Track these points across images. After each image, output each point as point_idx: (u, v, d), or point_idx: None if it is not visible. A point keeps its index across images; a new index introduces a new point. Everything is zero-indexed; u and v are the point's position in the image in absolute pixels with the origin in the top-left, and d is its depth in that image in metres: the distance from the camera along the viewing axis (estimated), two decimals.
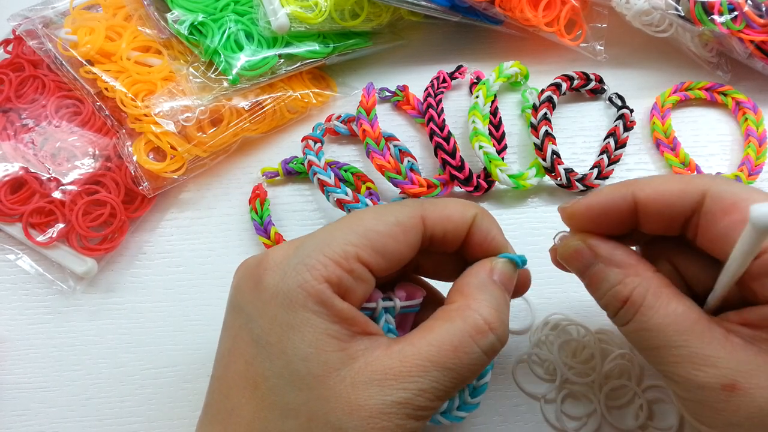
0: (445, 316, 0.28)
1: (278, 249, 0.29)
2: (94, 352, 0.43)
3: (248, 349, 0.28)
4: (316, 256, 0.27)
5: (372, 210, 0.30)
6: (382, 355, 0.27)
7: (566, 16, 0.50)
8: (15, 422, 0.41)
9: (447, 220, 0.30)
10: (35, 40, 0.48)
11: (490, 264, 0.31)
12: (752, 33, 0.45)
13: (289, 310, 0.27)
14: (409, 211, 0.30)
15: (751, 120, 0.48)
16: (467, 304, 0.29)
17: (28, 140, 0.46)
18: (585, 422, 0.39)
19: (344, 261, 0.27)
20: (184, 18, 0.47)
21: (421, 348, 0.27)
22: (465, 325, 0.28)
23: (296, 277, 0.27)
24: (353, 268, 0.28)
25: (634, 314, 0.29)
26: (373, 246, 0.28)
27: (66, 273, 0.44)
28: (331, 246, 0.28)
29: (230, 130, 0.46)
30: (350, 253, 0.28)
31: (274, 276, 0.28)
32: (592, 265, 0.30)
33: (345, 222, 0.29)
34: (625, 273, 0.29)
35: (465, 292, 0.29)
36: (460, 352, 0.27)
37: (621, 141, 0.47)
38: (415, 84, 0.50)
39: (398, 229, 0.29)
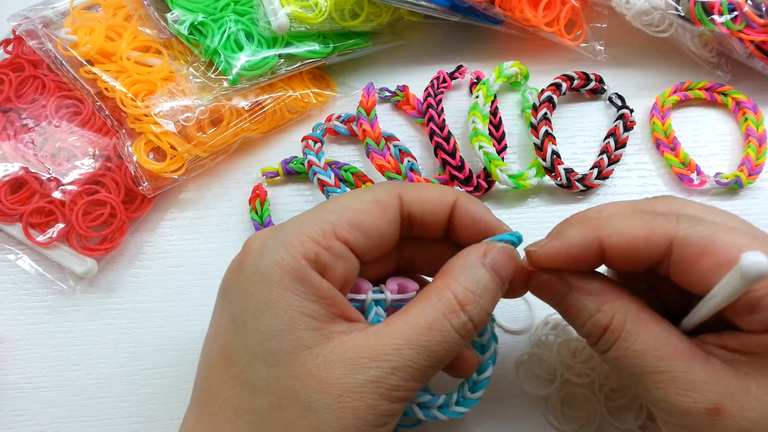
0: (423, 295, 0.29)
1: (260, 233, 0.30)
2: (94, 352, 0.43)
3: (227, 328, 0.28)
4: (293, 235, 0.28)
5: (349, 192, 0.31)
6: (358, 336, 0.27)
7: (566, 16, 0.50)
8: (15, 422, 0.41)
9: (425, 199, 0.30)
10: (35, 40, 0.48)
11: (485, 246, 0.30)
12: (752, 33, 0.45)
13: (265, 287, 0.27)
14: (385, 188, 0.30)
15: (751, 120, 0.48)
16: (445, 284, 0.28)
17: (28, 140, 0.46)
18: (585, 422, 0.39)
19: (321, 238, 0.28)
20: (184, 18, 0.47)
21: (396, 328, 0.27)
22: (439, 304, 0.28)
23: (273, 256, 0.27)
24: (331, 244, 0.28)
25: (614, 341, 0.28)
26: (350, 222, 0.28)
27: (66, 273, 0.44)
28: (308, 224, 0.28)
29: (230, 130, 0.46)
30: (327, 230, 0.28)
31: (252, 256, 0.28)
32: (566, 295, 0.30)
33: (322, 204, 0.30)
34: (601, 300, 0.29)
35: (447, 272, 0.29)
36: (433, 330, 0.27)
37: (621, 141, 0.47)
38: (415, 84, 0.50)
39: (375, 205, 0.29)
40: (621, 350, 0.28)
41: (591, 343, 0.30)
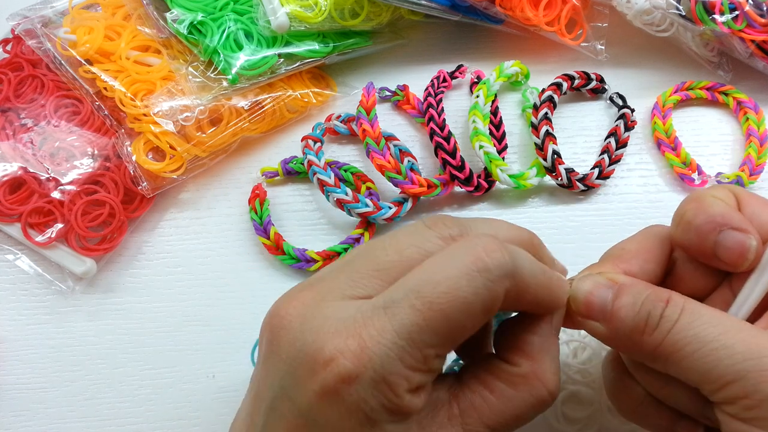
0: (512, 382, 0.27)
1: (346, 349, 0.24)
2: (93, 352, 0.42)
3: None
4: (397, 371, 0.24)
5: (455, 288, 0.24)
6: (445, 422, 0.26)
7: (567, 16, 0.49)
8: (14, 422, 0.41)
9: (533, 298, 0.27)
10: (34, 39, 0.48)
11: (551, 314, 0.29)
12: (753, 32, 0.45)
13: (370, 426, 0.24)
14: (498, 292, 0.25)
15: (753, 120, 0.48)
16: (534, 373, 0.27)
17: (27, 140, 0.46)
18: (585, 422, 0.39)
19: (423, 365, 0.25)
20: (184, 17, 0.46)
21: (483, 416, 0.26)
22: (531, 398, 0.27)
23: (379, 398, 0.24)
24: (431, 367, 0.25)
25: (682, 308, 0.26)
26: (454, 341, 0.25)
27: (65, 273, 0.44)
28: (412, 354, 0.24)
29: (230, 130, 0.46)
30: (431, 356, 0.25)
31: (352, 394, 0.24)
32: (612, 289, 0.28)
33: (423, 312, 0.24)
34: (655, 287, 0.28)
35: (529, 354, 0.27)
36: (521, 420, 0.27)
37: (622, 141, 0.47)
38: (415, 83, 0.50)
39: (482, 316, 0.25)
40: (693, 314, 0.26)
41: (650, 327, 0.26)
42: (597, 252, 0.31)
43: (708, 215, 0.27)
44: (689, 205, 0.28)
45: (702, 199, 0.28)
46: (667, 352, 0.26)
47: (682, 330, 0.26)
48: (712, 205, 0.28)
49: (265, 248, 0.45)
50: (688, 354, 0.25)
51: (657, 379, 0.28)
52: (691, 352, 0.25)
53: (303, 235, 0.46)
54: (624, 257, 0.30)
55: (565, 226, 0.46)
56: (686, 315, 0.26)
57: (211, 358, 0.42)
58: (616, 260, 0.30)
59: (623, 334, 0.27)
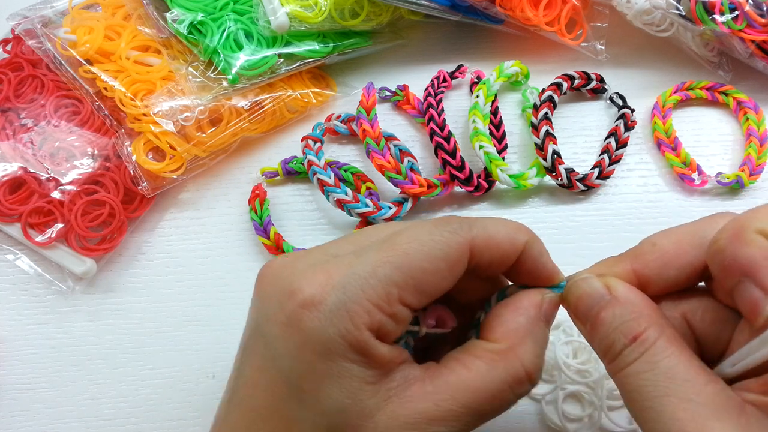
0: (487, 358, 0.27)
1: (312, 281, 0.26)
2: (93, 352, 0.42)
3: (279, 387, 0.27)
4: (358, 301, 0.25)
5: (416, 237, 0.27)
6: (416, 396, 0.26)
7: (567, 16, 0.49)
8: (14, 423, 0.41)
9: (495, 247, 0.28)
10: (34, 39, 0.48)
11: (540, 298, 0.28)
12: (753, 32, 0.45)
13: (328, 359, 0.25)
14: (457, 241, 0.27)
15: (753, 120, 0.48)
16: (513, 350, 0.27)
17: (27, 140, 0.46)
18: (586, 423, 0.39)
19: (387, 305, 0.26)
20: (184, 17, 0.46)
21: (457, 392, 0.26)
22: (506, 375, 0.26)
23: (338, 325, 0.25)
24: (396, 311, 0.26)
25: (642, 353, 0.25)
26: (417, 285, 0.26)
27: (65, 273, 0.44)
28: (374, 287, 0.26)
29: (230, 130, 0.46)
30: (393, 295, 0.26)
31: (312, 320, 0.25)
32: (601, 299, 0.27)
33: (388, 251, 0.26)
34: (639, 311, 0.26)
35: (509, 332, 0.28)
36: (496, 400, 0.26)
37: (622, 141, 0.47)
38: (415, 83, 0.50)
39: (444, 264, 0.26)
40: (648, 364, 0.25)
41: (611, 355, 0.26)
42: (597, 252, 0.31)
43: (736, 256, 0.24)
44: (726, 233, 0.24)
45: (742, 232, 0.24)
46: (618, 383, 0.26)
47: (630, 375, 0.25)
48: (747, 244, 0.23)
49: (265, 248, 0.45)
50: (628, 398, 0.25)
51: None
52: (631, 399, 0.25)
53: (303, 235, 0.46)
54: (645, 257, 0.28)
55: (565, 226, 0.46)
56: (640, 363, 0.25)
57: (211, 358, 0.42)
58: (636, 258, 0.28)
59: (596, 348, 0.27)
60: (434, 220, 0.28)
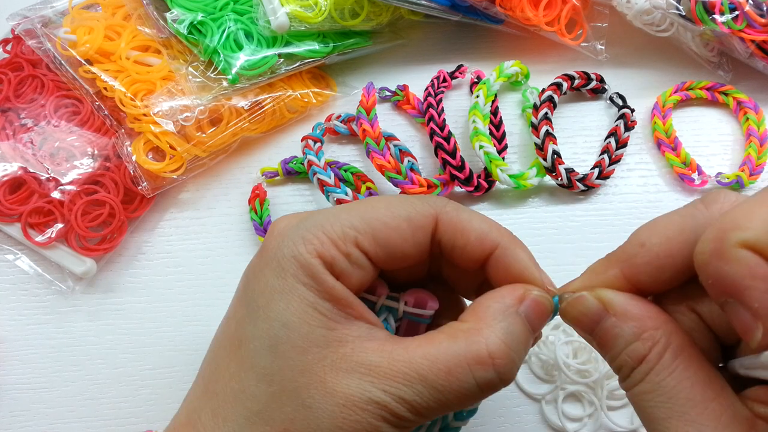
0: (451, 333, 0.26)
1: (285, 218, 0.30)
2: (93, 352, 0.42)
3: (240, 310, 0.28)
4: (314, 231, 0.27)
5: (386, 198, 0.29)
6: (372, 349, 0.26)
7: (567, 16, 0.49)
8: (14, 423, 0.41)
9: (461, 233, 0.28)
10: (34, 39, 0.48)
11: (522, 291, 0.27)
12: (753, 32, 0.45)
13: (280, 276, 0.27)
14: (423, 208, 0.28)
15: (753, 120, 0.48)
16: (477, 328, 0.26)
17: (27, 140, 0.46)
18: (585, 422, 0.39)
19: (341, 242, 0.27)
20: (184, 17, 0.46)
21: (413, 357, 0.25)
22: (466, 351, 0.25)
23: (291, 247, 0.27)
24: (350, 251, 0.27)
25: (647, 372, 0.24)
26: (375, 235, 0.27)
27: (65, 273, 0.44)
28: (332, 225, 0.27)
29: (230, 130, 0.46)
30: (349, 236, 0.27)
31: (272, 242, 0.28)
32: (602, 319, 0.26)
33: (354, 205, 0.28)
34: (642, 327, 0.25)
35: (480, 314, 0.27)
36: (452, 376, 0.25)
37: (622, 141, 0.47)
38: (416, 83, 0.50)
39: (406, 224, 0.27)
40: (652, 384, 0.24)
41: (622, 377, 0.26)
42: (597, 252, 0.31)
43: (719, 276, 0.22)
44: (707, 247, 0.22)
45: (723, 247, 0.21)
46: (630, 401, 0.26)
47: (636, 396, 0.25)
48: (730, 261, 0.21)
49: None
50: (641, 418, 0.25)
51: None
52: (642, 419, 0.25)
53: None
54: (636, 261, 0.26)
55: (565, 226, 0.46)
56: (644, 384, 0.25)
57: None
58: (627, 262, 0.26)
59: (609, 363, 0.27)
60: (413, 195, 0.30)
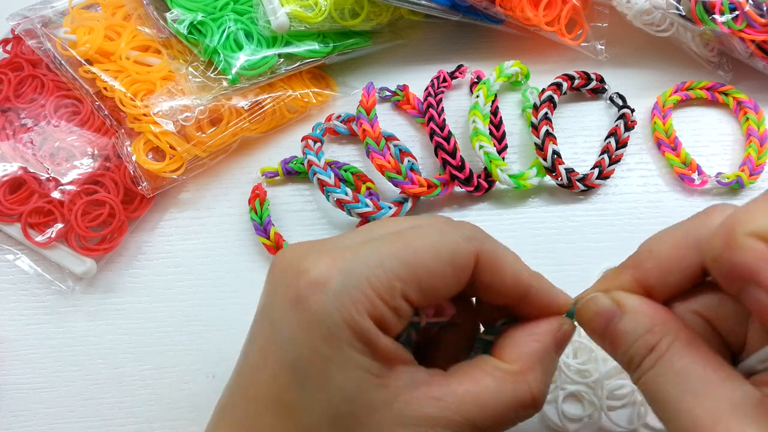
0: (497, 377, 0.27)
1: (321, 261, 0.26)
2: (93, 352, 0.42)
3: (283, 373, 0.26)
4: (362, 288, 0.25)
5: (427, 235, 0.27)
6: (423, 399, 0.26)
7: (567, 16, 0.49)
8: (14, 423, 0.41)
9: (498, 273, 0.28)
10: (34, 39, 0.48)
11: (557, 326, 0.29)
12: (753, 32, 0.45)
13: (332, 344, 0.25)
14: (466, 248, 0.27)
15: (753, 120, 0.48)
16: (524, 376, 0.27)
17: (27, 140, 0.46)
18: (585, 422, 0.39)
19: (389, 298, 0.26)
20: (184, 17, 0.46)
21: (464, 404, 0.26)
22: (514, 397, 0.27)
23: (342, 310, 0.25)
24: (398, 306, 0.26)
25: (659, 358, 0.25)
26: (420, 285, 0.26)
27: (65, 273, 0.44)
28: (379, 277, 0.26)
29: (230, 130, 0.46)
30: (396, 289, 0.26)
31: (316, 301, 0.25)
32: (615, 317, 0.27)
33: (396, 244, 0.26)
34: (652, 321, 0.26)
35: (524, 357, 0.28)
36: (499, 418, 0.27)
37: (622, 141, 0.47)
38: (415, 83, 0.50)
39: (450, 269, 0.27)
40: (664, 366, 0.25)
41: (633, 367, 0.27)
42: (597, 252, 0.31)
43: (733, 265, 0.23)
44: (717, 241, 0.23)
45: (732, 238, 0.23)
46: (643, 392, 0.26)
47: (648, 382, 0.26)
48: (742, 250, 0.22)
49: (265, 248, 0.45)
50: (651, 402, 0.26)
51: None
52: (654, 404, 0.26)
53: (303, 235, 0.46)
54: (645, 266, 0.28)
55: (565, 226, 0.46)
56: (657, 368, 0.25)
57: (211, 358, 0.42)
58: (637, 268, 0.28)
59: (617, 358, 0.28)
60: (447, 220, 0.28)
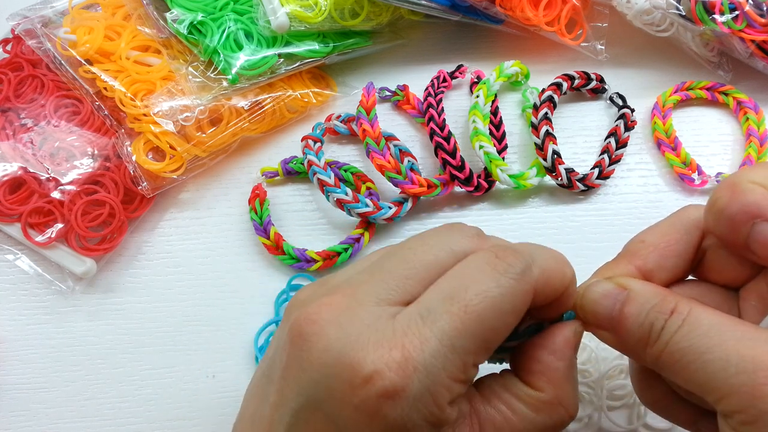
0: (532, 406, 0.27)
1: (389, 360, 0.23)
2: (93, 352, 0.42)
3: None
4: (441, 381, 0.24)
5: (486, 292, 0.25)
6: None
7: (567, 16, 0.49)
8: (14, 423, 0.41)
9: (551, 288, 0.27)
10: (34, 39, 0.48)
11: (572, 335, 0.28)
12: (753, 32, 0.45)
13: None
14: (524, 289, 0.26)
15: (753, 120, 0.48)
16: (558, 399, 0.27)
17: (27, 140, 0.46)
18: (585, 423, 0.39)
19: (464, 375, 0.25)
20: (184, 17, 0.46)
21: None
22: (551, 422, 0.27)
23: (422, 411, 0.24)
24: (469, 376, 0.25)
25: (685, 318, 0.25)
26: (488, 346, 0.25)
27: (65, 273, 0.44)
28: (453, 362, 0.24)
29: (229, 130, 0.46)
30: (469, 363, 0.25)
31: (395, 409, 0.23)
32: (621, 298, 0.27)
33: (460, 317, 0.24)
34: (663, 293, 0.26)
35: (554, 380, 0.27)
36: None
37: (622, 141, 0.47)
38: (415, 83, 0.50)
39: (513, 319, 0.26)
40: (694, 324, 0.24)
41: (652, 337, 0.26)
42: (597, 252, 0.31)
43: (741, 204, 0.24)
44: (722, 192, 0.25)
45: (737, 185, 0.25)
46: (667, 363, 0.25)
47: (680, 341, 0.25)
48: (748, 192, 0.25)
49: (265, 248, 0.45)
50: (684, 366, 0.24)
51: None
52: (687, 363, 0.24)
53: (303, 235, 0.46)
54: (641, 253, 0.28)
55: (565, 226, 0.46)
56: (686, 325, 0.25)
57: (211, 358, 0.42)
58: (632, 257, 0.29)
59: (629, 344, 0.27)
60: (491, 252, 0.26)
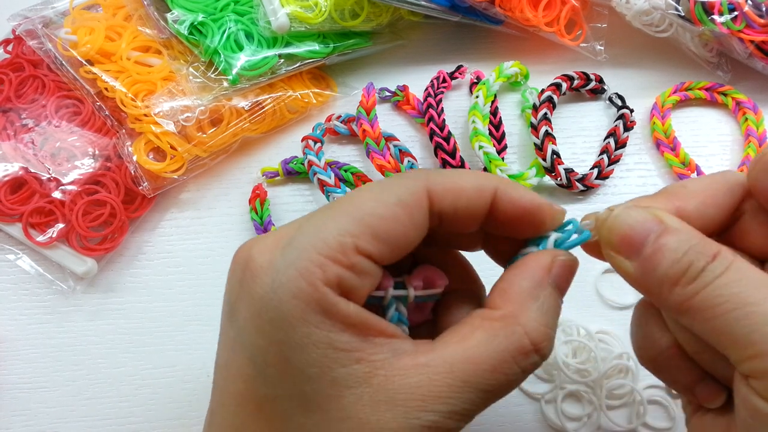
0: (486, 327, 0.24)
1: (263, 248, 0.24)
2: (94, 352, 0.43)
3: (245, 367, 0.24)
4: (308, 256, 0.23)
5: (368, 188, 0.25)
6: (407, 369, 0.23)
7: (566, 16, 0.50)
8: (14, 422, 0.41)
9: (459, 192, 0.25)
10: (35, 39, 0.48)
11: (549, 260, 0.25)
12: (752, 33, 0.45)
13: (286, 327, 0.23)
14: (411, 185, 0.25)
15: (751, 120, 0.48)
16: (514, 316, 0.24)
17: (28, 140, 0.46)
18: (585, 422, 0.39)
19: (342, 256, 0.23)
20: (184, 18, 0.47)
21: (454, 365, 0.23)
22: (508, 343, 0.24)
23: (288, 286, 0.23)
24: (354, 262, 0.23)
25: (728, 265, 0.23)
26: (374, 233, 0.24)
27: (66, 273, 0.44)
28: (324, 239, 0.23)
29: (230, 130, 0.46)
30: (348, 244, 0.23)
31: (262, 285, 0.23)
32: (657, 228, 0.24)
33: (338, 206, 0.24)
34: (704, 237, 0.24)
35: (512, 298, 0.25)
36: (498, 372, 0.24)
37: (621, 141, 0.47)
38: (415, 84, 0.50)
39: (401, 209, 0.24)
40: (738, 272, 0.23)
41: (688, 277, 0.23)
42: None
43: None
44: (759, 164, 0.25)
45: None
46: (698, 308, 0.23)
47: (723, 286, 0.23)
48: None
49: None
50: (722, 313, 0.22)
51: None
52: (726, 311, 0.22)
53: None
54: (681, 194, 0.26)
55: None
56: (731, 272, 0.23)
57: (211, 358, 0.42)
58: (672, 197, 0.26)
59: (654, 279, 0.24)
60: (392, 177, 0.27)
